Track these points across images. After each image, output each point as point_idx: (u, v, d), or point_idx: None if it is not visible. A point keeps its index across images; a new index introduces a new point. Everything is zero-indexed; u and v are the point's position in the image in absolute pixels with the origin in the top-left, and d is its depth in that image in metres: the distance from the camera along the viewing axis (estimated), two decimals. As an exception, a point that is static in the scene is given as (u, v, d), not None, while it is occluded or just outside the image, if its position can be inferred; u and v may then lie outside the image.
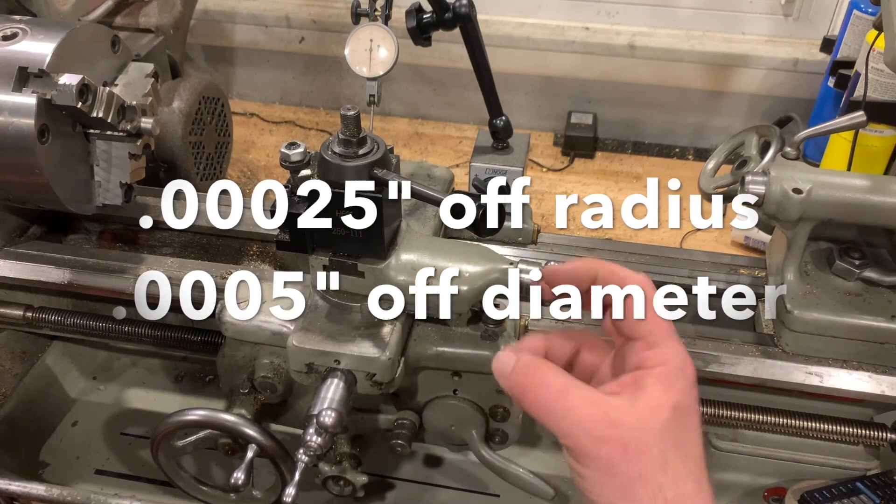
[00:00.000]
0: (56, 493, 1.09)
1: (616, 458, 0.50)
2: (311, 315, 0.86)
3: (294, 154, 0.78)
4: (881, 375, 0.93)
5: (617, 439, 0.50)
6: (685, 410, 0.53)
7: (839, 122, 0.95)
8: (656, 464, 0.50)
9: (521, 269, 0.82)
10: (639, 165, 2.00)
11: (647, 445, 0.51)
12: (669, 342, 0.56)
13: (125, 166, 1.01)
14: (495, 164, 1.10)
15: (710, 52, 1.91)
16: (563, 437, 0.53)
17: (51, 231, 1.19)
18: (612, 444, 0.50)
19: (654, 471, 0.50)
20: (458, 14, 1.02)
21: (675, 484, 0.51)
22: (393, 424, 0.97)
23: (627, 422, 0.51)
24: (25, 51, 0.91)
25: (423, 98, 2.16)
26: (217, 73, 2.24)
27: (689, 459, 0.53)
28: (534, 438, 1.20)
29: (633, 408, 0.52)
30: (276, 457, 0.87)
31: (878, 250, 1.01)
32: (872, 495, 0.95)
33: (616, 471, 0.50)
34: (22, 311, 1.10)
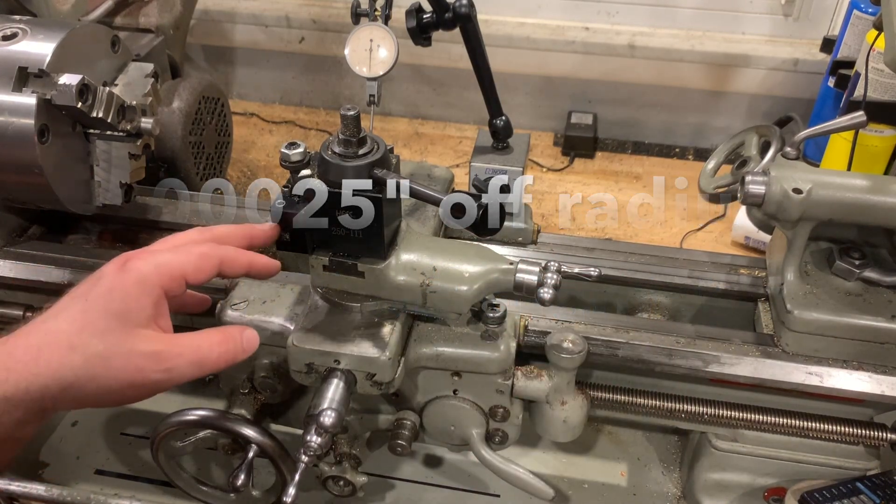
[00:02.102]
0: (56, 493, 1.09)
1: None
2: (311, 315, 0.86)
3: (294, 154, 0.78)
4: (881, 375, 0.93)
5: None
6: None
7: (839, 122, 0.95)
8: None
9: (520, 269, 0.83)
10: (639, 165, 2.00)
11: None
12: None
13: (125, 166, 1.02)
14: (495, 164, 1.10)
15: (710, 52, 1.92)
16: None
17: (51, 231, 1.19)
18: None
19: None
20: (458, 14, 1.02)
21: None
22: (393, 424, 0.97)
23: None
24: (25, 51, 0.91)
25: (423, 98, 2.16)
26: (217, 73, 2.25)
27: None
28: (534, 438, 1.20)
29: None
30: (276, 457, 0.87)
31: (878, 250, 1.01)
32: (872, 495, 0.95)
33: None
34: (22, 311, 1.10)
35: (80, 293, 0.64)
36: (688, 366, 0.95)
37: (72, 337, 0.60)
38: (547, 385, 0.93)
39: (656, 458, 1.20)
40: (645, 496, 1.15)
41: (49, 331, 0.60)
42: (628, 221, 1.78)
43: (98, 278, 0.65)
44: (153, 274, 0.64)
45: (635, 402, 0.99)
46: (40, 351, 0.59)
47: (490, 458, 0.95)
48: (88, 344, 0.60)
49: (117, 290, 0.62)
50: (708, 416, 0.98)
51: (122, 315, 0.62)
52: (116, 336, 0.61)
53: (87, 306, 0.62)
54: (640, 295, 1.14)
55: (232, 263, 0.72)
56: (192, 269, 0.67)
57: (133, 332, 0.62)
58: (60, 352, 0.59)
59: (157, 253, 0.67)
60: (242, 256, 0.74)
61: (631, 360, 0.96)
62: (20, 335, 0.61)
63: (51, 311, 0.64)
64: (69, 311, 0.62)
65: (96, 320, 0.61)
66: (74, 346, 0.59)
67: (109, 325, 0.61)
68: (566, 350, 0.90)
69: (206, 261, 0.68)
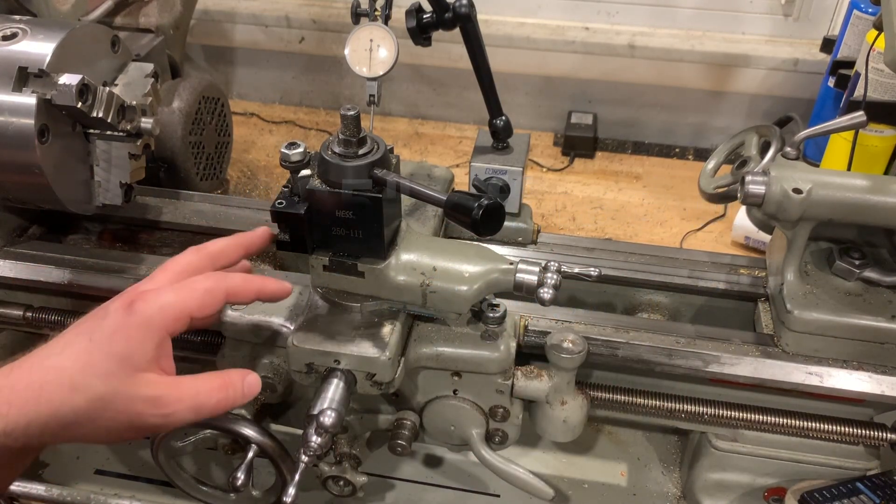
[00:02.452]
0: (56, 493, 1.09)
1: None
2: (311, 315, 0.86)
3: (294, 154, 0.78)
4: (881, 375, 0.93)
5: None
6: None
7: (839, 122, 0.95)
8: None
9: (520, 269, 0.83)
10: (639, 165, 2.00)
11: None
12: None
13: (125, 166, 1.02)
14: (495, 164, 1.10)
15: (710, 52, 1.91)
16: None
17: (51, 231, 1.19)
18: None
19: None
20: (458, 14, 1.02)
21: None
22: (393, 424, 0.97)
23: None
24: (25, 51, 0.91)
25: (423, 98, 2.16)
26: (217, 73, 2.25)
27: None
28: (534, 438, 1.20)
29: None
30: (276, 457, 0.87)
31: (878, 250, 1.01)
32: (872, 495, 0.95)
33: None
34: (22, 311, 1.10)
35: (84, 330, 0.64)
36: (688, 366, 0.95)
37: (75, 377, 0.60)
38: (547, 385, 0.93)
39: (656, 458, 1.20)
40: (645, 496, 1.15)
41: (52, 368, 0.60)
42: (628, 221, 1.79)
43: (103, 317, 0.64)
44: (157, 317, 0.64)
45: (635, 402, 0.99)
46: (42, 388, 0.59)
47: (490, 458, 0.95)
48: (91, 385, 0.60)
49: (121, 332, 0.62)
50: (708, 416, 0.98)
51: (124, 358, 0.62)
52: (118, 379, 0.61)
53: (91, 346, 0.62)
54: (640, 295, 1.14)
55: (239, 295, 0.72)
56: (196, 308, 0.67)
57: (135, 376, 0.62)
58: (62, 391, 0.59)
59: (162, 292, 0.66)
60: (250, 286, 0.72)
61: (631, 360, 0.96)
62: (23, 369, 0.61)
63: (54, 344, 0.64)
64: (73, 349, 0.62)
65: (99, 361, 0.61)
66: (77, 387, 0.60)
67: (112, 367, 0.61)
68: (566, 350, 0.90)
69: (211, 297, 0.68)
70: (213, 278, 0.69)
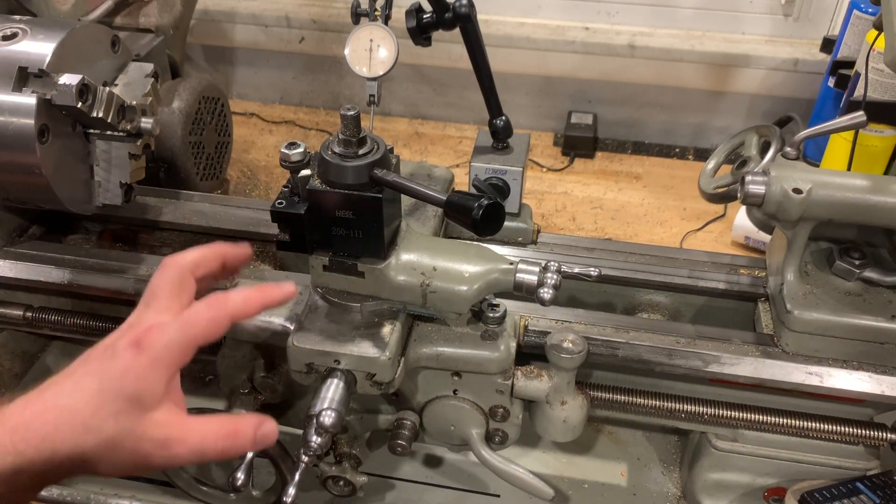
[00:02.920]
0: (56, 493, 1.09)
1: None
2: (311, 315, 0.86)
3: (294, 154, 0.78)
4: (881, 375, 0.93)
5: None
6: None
7: (839, 122, 0.95)
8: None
9: (520, 269, 0.83)
10: (639, 165, 2.00)
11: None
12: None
13: (125, 166, 1.02)
14: (495, 164, 1.10)
15: (710, 52, 1.91)
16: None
17: (51, 231, 1.19)
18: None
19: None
20: (458, 14, 1.02)
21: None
22: (393, 424, 0.97)
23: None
24: (25, 51, 0.91)
25: (423, 98, 2.16)
26: (217, 73, 2.25)
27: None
28: (534, 438, 1.20)
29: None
30: (276, 457, 0.87)
31: (878, 250, 1.01)
32: (872, 495, 0.95)
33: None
34: (22, 311, 1.10)
35: (93, 370, 0.65)
36: (688, 366, 0.95)
37: (87, 418, 0.61)
38: (547, 385, 0.93)
39: (656, 458, 1.20)
40: (645, 496, 1.15)
41: (65, 408, 0.62)
42: (628, 221, 1.79)
43: (112, 357, 0.65)
44: (165, 354, 0.65)
45: (635, 402, 0.99)
46: (57, 430, 0.61)
47: (490, 458, 0.95)
48: (102, 427, 0.62)
49: (131, 373, 0.63)
50: (708, 416, 0.98)
51: (135, 398, 0.63)
52: (129, 419, 0.63)
53: (102, 387, 0.63)
54: (640, 295, 1.14)
55: (242, 316, 0.72)
56: (202, 338, 0.68)
57: (145, 417, 0.64)
58: (75, 433, 0.61)
59: (167, 328, 0.67)
60: (252, 304, 0.72)
61: (631, 360, 0.96)
62: (37, 409, 0.62)
63: (65, 382, 0.65)
64: (85, 392, 0.63)
65: (110, 402, 0.62)
66: (89, 428, 0.61)
67: (123, 407, 0.62)
68: (566, 350, 0.90)
69: (215, 326, 0.69)
70: (216, 306, 0.69)
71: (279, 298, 0.73)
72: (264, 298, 0.72)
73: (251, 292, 0.72)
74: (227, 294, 0.70)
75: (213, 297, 0.70)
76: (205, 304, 0.69)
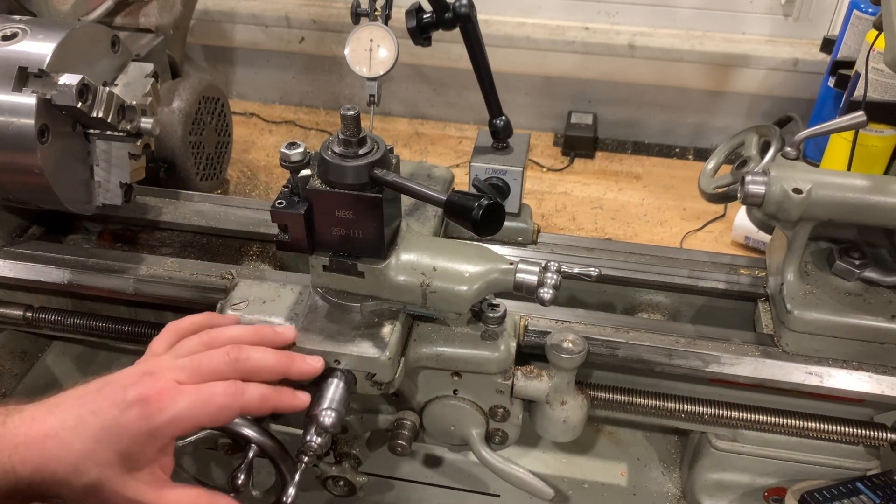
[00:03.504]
0: (56, 493, 1.09)
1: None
2: (311, 315, 0.86)
3: (294, 154, 0.78)
4: (881, 375, 0.93)
5: None
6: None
7: (839, 122, 0.95)
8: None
9: (520, 269, 0.83)
10: (639, 165, 2.00)
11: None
12: None
13: (125, 166, 1.02)
14: (495, 164, 1.10)
15: (710, 52, 1.91)
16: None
17: (51, 231, 1.19)
18: None
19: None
20: (458, 14, 1.02)
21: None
22: (393, 424, 0.97)
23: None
24: (25, 51, 0.91)
25: (423, 98, 2.16)
26: (217, 73, 2.25)
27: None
28: (534, 438, 1.20)
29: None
30: (276, 457, 0.87)
31: (878, 250, 1.01)
32: (872, 495, 0.95)
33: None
34: (22, 311, 1.10)
35: (98, 410, 0.67)
36: (688, 366, 0.95)
37: (79, 460, 0.65)
38: (547, 385, 0.93)
39: (656, 458, 1.20)
40: (645, 496, 1.15)
41: (64, 442, 0.65)
42: (628, 221, 1.79)
43: (120, 409, 0.67)
44: (168, 427, 0.68)
45: (635, 402, 0.99)
46: (52, 460, 0.65)
47: (490, 458, 0.95)
48: (89, 471, 0.65)
49: (128, 434, 0.66)
50: (708, 416, 0.98)
51: (124, 457, 0.66)
52: (113, 472, 0.66)
53: (99, 435, 0.66)
54: (640, 295, 1.14)
55: (254, 411, 0.74)
56: (207, 421, 0.70)
57: (125, 476, 0.67)
58: (67, 470, 0.65)
59: (179, 398, 0.69)
60: (266, 405, 0.74)
61: (631, 360, 0.96)
62: (40, 431, 0.65)
63: (71, 412, 0.67)
64: (86, 430, 0.66)
65: (101, 451, 0.66)
66: (79, 470, 0.65)
67: (111, 460, 0.66)
68: (566, 350, 0.90)
69: (222, 413, 0.71)
70: (230, 393, 0.71)
71: (292, 407, 0.76)
72: (279, 403, 0.75)
73: (269, 393, 0.74)
74: (245, 387, 0.72)
75: (232, 385, 0.72)
76: (223, 389, 0.71)
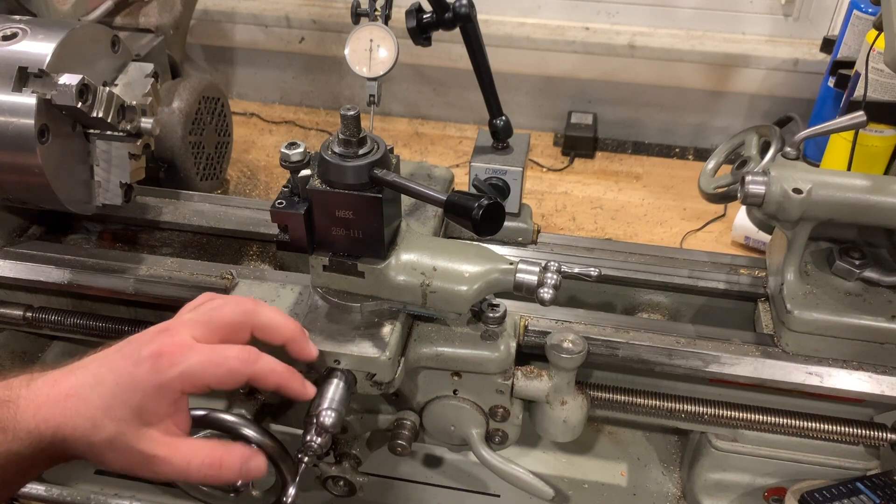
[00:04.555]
0: (56, 493, 1.09)
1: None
2: (311, 315, 0.86)
3: (294, 154, 0.78)
4: (881, 375, 0.93)
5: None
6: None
7: (839, 122, 0.95)
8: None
9: (520, 269, 0.83)
10: (639, 165, 2.00)
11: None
12: None
13: (125, 166, 1.02)
14: (495, 164, 1.10)
15: (710, 52, 1.91)
16: None
17: (51, 231, 1.19)
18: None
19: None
20: (458, 14, 1.02)
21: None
22: (393, 424, 0.97)
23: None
24: (25, 51, 0.91)
25: (423, 98, 2.16)
26: (217, 73, 2.25)
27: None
28: (534, 438, 1.20)
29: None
30: (276, 457, 0.87)
31: (878, 250, 1.01)
32: (872, 495, 0.95)
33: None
34: (22, 311, 1.10)
35: (114, 368, 0.69)
36: (688, 366, 0.95)
37: (97, 415, 0.67)
38: (547, 385, 0.93)
39: (656, 458, 1.20)
40: (645, 496, 1.15)
41: (83, 399, 0.67)
42: (628, 221, 1.79)
43: (134, 363, 0.69)
44: (177, 381, 0.69)
45: (635, 402, 0.99)
46: (73, 418, 0.66)
47: (490, 458, 0.95)
48: (106, 426, 0.67)
49: (141, 388, 0.68)
50: (708, 416, 0.98)
51: (138, 411, 0.68)
52: (128, 427, 0.68)
53: (115, 391, 0.68)
54: (640, 295, 1.14)
55: (259, 382, 0.74)
56: (214, 383, 0.71)
57: (141, 431, 0.68)
58: (85, 426, 0.67)
59: (190, 354, 0.70)
60: (271, 378, 0.74)
61: (631, 360, 0.96)
62: (62, 390, 0.67)
63: (90, 371, 0.69)
64: (102, 389, 0.68)
65: (117, 407, 0.67)
66: (96, 425, 0.67)
67: (126, 416, 0.67)
68: (566, 350, 0.90)
69: (231, 377, 0.72)
70: (242, 358, 0.72)
71: (296, 392, 0.76)
72: (285, 383, 0.75)
73: (280, 370, 0.75)
74: (259, 356, 0.73)
75: (246, 351, 0.72)
76: (236, 353, 0.72)
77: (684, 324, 1.06)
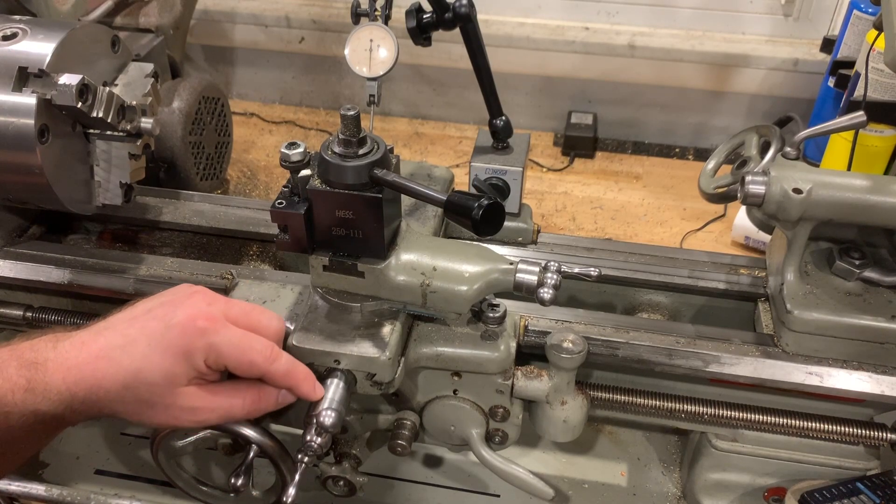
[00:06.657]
0: (56, 493, 1.09)
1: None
2: (311, 315, 0.86)
3: (294, 154, 0.78)
4: (881, 375, 0.93)
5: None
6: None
7: (839, 122, 0.95)
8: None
9: (520, 269, 0.83)
10: (639, 165, 2.00)
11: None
12: None
13: (125, 166, 1.02)
14: (495, 164, 1.10)
15: (710, 52, 1.91)
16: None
17: (51, 231, 1.19)
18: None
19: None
20: (458, 14, 1.02)
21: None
22: (393, 424, 0.97)
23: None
24: (25, 51, 0.91)
25: (423, 98, 2.16)
26: (217, 73, 2.25)
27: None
28: (534, 438, 1.20)
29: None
30: (276, 457, 0.87)
31: (878, 250, 1.01)
32: (872, 495, 0.95)
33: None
34: (22, 311, 1.10)
35: (147, 330, 0.70)
36: (688, 366, 0.95)
37: (128, 377, 0.68)
38: (547, 385, 0.93)
39: (656, 458, 1.20)
40: (645, 496, 1.15)
41: (114, 360, 0.68)
42: (628, 221, 1.79)
43: (167, 324, 0.70)
44: (201, 351, 0.71)
45: (635, 402, 0.99)
46: (104, 379, 0.68)
47: (490, 458, 0.95)
48: (139, 388, 0.69)
49: (171, 352, 0.70)
50: (708, 416, 0.98)
51: (168, 375, 0.70)
52: (162, 390, 0.70)
53: (147, 353, 0.69)
54: (640, 295, 1.14)
55: (272, 380, 0.77)
56: (234, 366, 0.74)
57: (175, 391, 0.71)
58: (117, 386, 0.68)
59: (223, 330, 0.72)
60: (284, 379, 0.77)
61: (631, 360, 0.96)
62: (91, 352, 0.68)
63: (118, 332, 0.70)
64: (134, 350, 0.69)
65: (150, 370, 0.69)
66: (129, 387, 0.68)
67: (157, 380, 0.69)
68: (566, 350, 0.90)
69: (252, 368, 0.74)
70: (265, 355, 0.75)
71: (308, 394, 0.79)
72: (299, 385, 0.78)
73: (295, 372, 0.77)
74: (280, 354, 0.76)
75: (269, 347, 0.75)
76: (262, 346, 0.75)
77: (684, 324, 1.06)
